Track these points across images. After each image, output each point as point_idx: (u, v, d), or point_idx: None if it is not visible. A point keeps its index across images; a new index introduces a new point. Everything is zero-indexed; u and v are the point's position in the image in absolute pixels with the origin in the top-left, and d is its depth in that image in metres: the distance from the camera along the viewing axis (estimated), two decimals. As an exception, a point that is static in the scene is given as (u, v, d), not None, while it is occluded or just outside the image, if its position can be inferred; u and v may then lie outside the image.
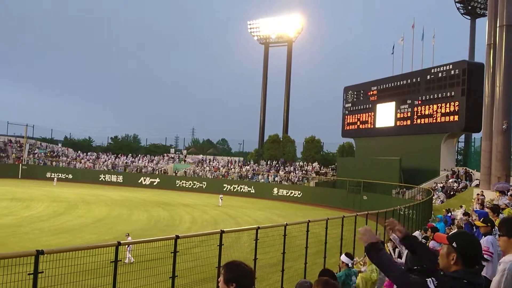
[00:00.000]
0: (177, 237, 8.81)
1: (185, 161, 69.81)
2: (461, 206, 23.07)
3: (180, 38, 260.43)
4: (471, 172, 41.14)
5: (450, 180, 40.72)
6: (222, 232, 10.01)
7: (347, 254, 9.36)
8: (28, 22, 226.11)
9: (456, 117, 41.46)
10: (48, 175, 66.59)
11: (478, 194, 26.62)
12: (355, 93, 54.90)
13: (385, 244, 13.57)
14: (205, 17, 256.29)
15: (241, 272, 3.47)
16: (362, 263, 9.97)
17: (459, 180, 40.53)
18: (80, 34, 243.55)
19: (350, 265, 9.26)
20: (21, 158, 70.70)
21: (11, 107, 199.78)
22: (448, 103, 42.27)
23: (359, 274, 9.48)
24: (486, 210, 15.95)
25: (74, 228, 25.17)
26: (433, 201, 34.65)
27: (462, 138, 49.62)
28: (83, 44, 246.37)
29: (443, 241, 3.65)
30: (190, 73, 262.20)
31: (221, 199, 43.24)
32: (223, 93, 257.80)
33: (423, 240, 13.81)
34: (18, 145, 74.08)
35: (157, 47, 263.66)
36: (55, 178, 61.71)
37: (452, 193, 37.83)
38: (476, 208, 19.54)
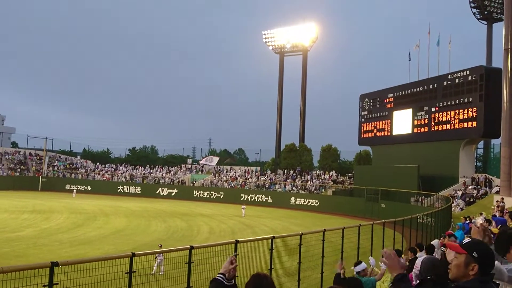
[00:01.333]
0: (192, 247, 8.84)
1: (202, 171, 70.03)
2: (480, 214, 22.73)
3: (196, 49, 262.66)
4: (491, 178, 40.58)
5: (470, 187, 40.21)
6: (237, 242, 10.02)
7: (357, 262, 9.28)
8: (44, 36, 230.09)
9: (475, 123, 41.00)
10: (67, 187, 67.31)
11: (498, 201, 26.29)
12: (371, 100, 54.66)
13: (402, 255, 13.43)
14: (220, 28, 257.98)
15: (259, 284, 3.84)
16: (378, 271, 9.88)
17: (478, 187, 40.00)
18: (97, 47, 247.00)
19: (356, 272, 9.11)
20: (41, 170, 71.64)
21: (31, 121, 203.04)
22: (466, 109, 41.85)
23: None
24: (505, 217, 15.73)
25: (93, 239, 25.35)
26: (453, 208, 34.23)
27: (481, 144, 49.04)
28: (101, 57, 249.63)
29: (457, 249, 3.52)
30: (206, 83, 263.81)
31: (244, 210, 42.51)
32: (239, 103, 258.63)
33: (442, 248, 13.63)
34: (38, 158, 75.11)
35: (173, 59, 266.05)
36: (74, 190, 62.32)
37: (471, 200, 37.35)
38: (496, 215, 19.27)
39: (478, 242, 3.79)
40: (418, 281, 5.33)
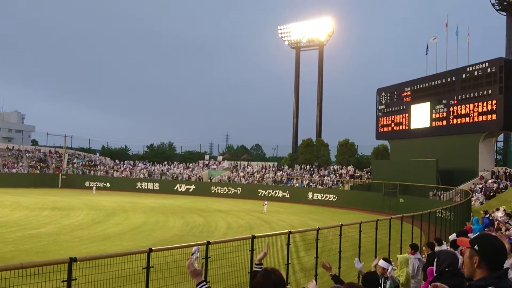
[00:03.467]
0: (208, 243, 8.89)
1: (219, 164, 70.28)
2: (497, 209, 22.44)
3: (212, 46, 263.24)
4: (511, 172, 40.01)
5: (490, 181, 39.71)
6: (254, 237, 10.03)
7: (384, 259, 9.07)
8: (62, 35, 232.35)
9: (494, 116, 40.41)
10: (86, 184, 68.07)
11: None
12: (389, 94, 54.21)
13: (422, 248, 13.33)
14: (236, 24, 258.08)
15: (272, 283, 3.75)
16: (395, 268, 9.79)
17: (499, 180, 39.48)
18: (115, 46, 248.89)
19: (389, 270, 8.81)
20: (61, 168, 72.55)
21: (50, 119, 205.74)
22: (485, 102, 41.26)
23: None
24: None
25: (112, 235, 25.59)
26: (472, 202, 33.84)
27: (501, 137, 48.34)
28: (119, 56, 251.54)
29: (465, 245, 3.55)
30: (223, 80, 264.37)
31: (266, 206, 41.82)
32: (256, 99, 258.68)
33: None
34: (58, 155, 76.07)
35: (190, 56, 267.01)
36: (94, 187, 62.89)
37: (492, 194, 36.89)
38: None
39: (484, 235, 3.77)
40: (435, 274, 5.32)
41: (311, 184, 59.01)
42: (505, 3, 55.99)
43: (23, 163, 70.60)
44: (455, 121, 44.44)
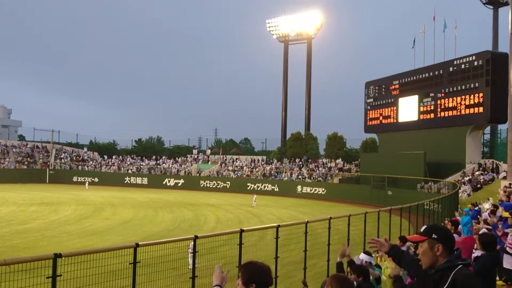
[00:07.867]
0: (196, 237, 8.85)
1: (208, 161, 70.16)
2: (488, 199, 22.64)
3: (200, 39, 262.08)
4: (498, 164, 40.36)
5: (477, 173, 40.03)
6: (242, 231, 10.01)
7: (365, 252, 9.08)
8: (50, 29, 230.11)
9: (481, 109, 40.69)
10: (74, 179, 67.65)
11: (505, 186, 26.14)
12: (377, 88, 54.36)
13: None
14: (224, 17, 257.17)
15: (259, 271, 3.53)
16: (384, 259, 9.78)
17: (485, 172, 39.81)
18: (104, 38, 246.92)
19: (373, 263, 8.85)
20: (48, 163, 71.98)
21: (37, 114, 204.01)
22: (472, 95, 41.51)
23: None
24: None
25: (101, 230, 25.46)
26: (460, 194, 34.09)
27: (488, 129, 48.73)
28: (105, 49, 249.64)
29: (418, 239, 3.65)
30: (211, 73, 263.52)
31: (255, 200, 41.82)
32: (245, 93, 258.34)
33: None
34: (45, 150, 75.44)
35: (178, 49, 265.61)
36: (87, 182, 62.21)
37: (479, 185, 37.19)
38: (503, 200, 19.21)
39: (433, 224, 4.02)
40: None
41: (300, 177, 59.12)
42: (492, -4, 56.28)
43: (10, 158, 69.92)
44: (442, 114, 44.69)
